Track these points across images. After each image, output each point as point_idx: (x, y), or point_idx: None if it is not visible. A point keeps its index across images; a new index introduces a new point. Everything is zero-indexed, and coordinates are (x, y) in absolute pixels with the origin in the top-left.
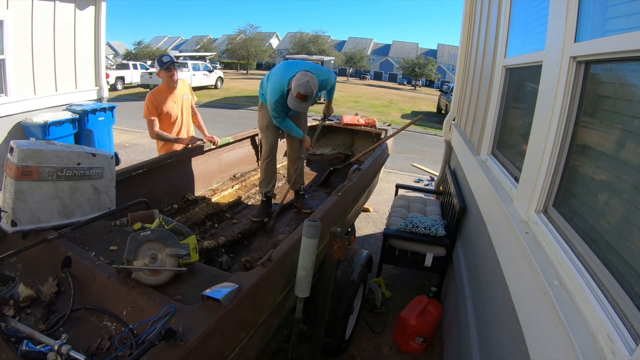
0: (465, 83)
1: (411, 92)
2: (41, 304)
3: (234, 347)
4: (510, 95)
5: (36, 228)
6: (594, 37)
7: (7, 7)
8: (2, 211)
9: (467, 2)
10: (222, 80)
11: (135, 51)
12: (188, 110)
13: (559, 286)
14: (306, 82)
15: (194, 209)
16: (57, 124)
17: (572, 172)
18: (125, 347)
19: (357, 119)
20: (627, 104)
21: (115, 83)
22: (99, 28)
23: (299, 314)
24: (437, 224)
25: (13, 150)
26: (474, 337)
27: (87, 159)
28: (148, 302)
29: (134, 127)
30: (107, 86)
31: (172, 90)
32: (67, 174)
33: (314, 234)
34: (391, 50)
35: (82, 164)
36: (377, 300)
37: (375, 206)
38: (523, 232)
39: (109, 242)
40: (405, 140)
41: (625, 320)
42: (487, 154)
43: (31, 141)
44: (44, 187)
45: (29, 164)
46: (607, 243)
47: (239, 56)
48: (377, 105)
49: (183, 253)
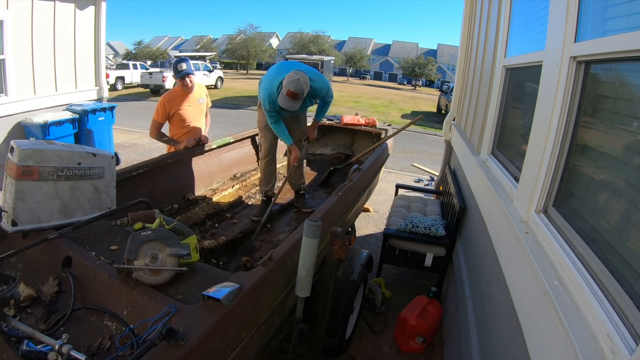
0: (465, 83)
1: (411, 92)
2: (42, 303)
3: (234, 347)
4: (510, 95)
5: (37, 228)
6: (594, 37)
7: (7, 7)
8: (2, 211)
9: (467, 2)
10: (222, 80)
11: (135, 51)
12: (202, 114)
13: (559, 286)
14: (296, 80)
15: (194, 208)
16: (57, 124)
17: (572, 172)
18: (126, 346)
19: (357, 119)
20: (627, 104)
21: (115, 83)
22: (99, 28)
23: (300, 314)
24: (437, 224)
25: (14, 150)
26: (474, 337)
27: (87, 158)
28: (149, 302)
29: (134, 127)
30: (107, 86)
31: (188, 94)
32: (67, 174)
33: (315, 234)
34: (391, 50)
35: (82, 163)
36: (377, 300)
37: (375, 206)
38: (523, 232)
39: (109, 242)
40: (405, 140)
41: (625, 320)
42: (487, 154)
43: (32, 141)
44: (45, 186)
45: (30, 163)
46: (607, 243)
47: (239, 56)
48: (377, 105)
49: (184, 253)
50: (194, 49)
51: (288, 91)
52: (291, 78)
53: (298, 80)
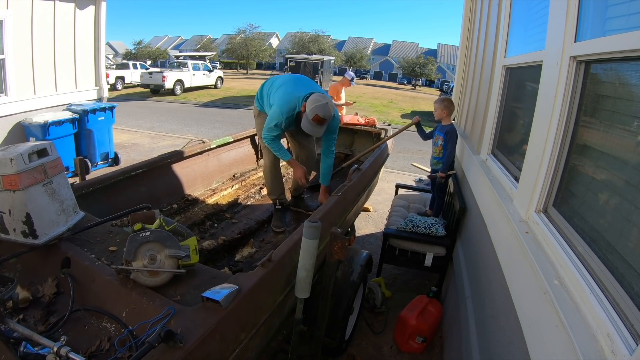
0: (465, 83)
1: (411, 92)
2: (40, 305)
3: (234, 348)
4: (510, 95)
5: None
6: (594, 36)
7: (7, 7)
8: (1, 213)
9: (467, 2)
10: (222, 80)
11: (135, 51)
12: None
13: (559, 286)
14: (325, 105)
15: (194, 208)
16: (57, 123)
17: (572, 171)
18: (124, 348)
19: (357, 119)
20: (627, 103)
21: (115, 83)
22: (99, 28)
23: (299, 315)
24: (437, 224)
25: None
26: (474, 337)
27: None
28: (148, 304)
29: (134, 127)
30: (107, 86)
31: None
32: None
33: (315, 235)
34: (391, 50)
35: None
36: (377, 300)
37: (375, 206)
38: (523, 232)
39: (108, 243)
40: (405, 140)
41: (625, 320)
42: (487, 154)
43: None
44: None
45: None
46: (607, 243)
47: (239, 56)
48: (377, 105)
49: (182, 254)
50: (194, 49)
51: (316, 116)
52: (319, 102)
53: (326, 105)
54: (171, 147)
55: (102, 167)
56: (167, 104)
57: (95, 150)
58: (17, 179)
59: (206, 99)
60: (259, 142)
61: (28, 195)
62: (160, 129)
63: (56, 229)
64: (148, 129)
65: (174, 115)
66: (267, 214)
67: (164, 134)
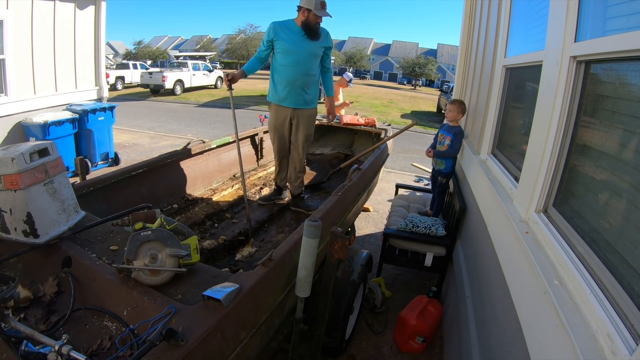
0: (465, 83)
1: (411, 92)
2: (41, 304)
3: (234, 347)
4: (510, 95)
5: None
6: (594, 36)
7: (7, 7)
8: (2, 211)
9: (467, 1)
10: (222, 80)
11: (135, 51)
12: None
13: (559, 286)
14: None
15: (194, 208)
16: (57, 123)
17: (572, 171)
18: (126, 347)
19: (357, 119)
20: (627, 103)
21: (115, 83)
22: (98, 28)
23: (300, 314)
24: (437, 224)
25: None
26: (474, 337)
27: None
28: (149, 302)
29: (134, 127)
30: (107, 86)
31: None
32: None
33: (315, 234)
34: (391, 50)
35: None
36: (377, 300)
37: (375, 206)
38: (523, 232)
39: (109, 242)
40: (405, 140)
41: (625, 320)
42: (487, 154)
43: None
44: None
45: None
46: (607, 243)
47: (239, 56)
48: (377, 105)
49: (183, 254)
50: (194, 49)
51: (323, 2)
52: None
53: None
54: (171, 147)
55: (102, 167)
56: (167, 104)
57: (95, 150)
58: (18, 179)
59: (206, 99)
60: (258, 139)
61: (29, 194)
62: (161, 129)
63: (57, 228)
64: (148, 129)
65: (174, 115)
66: (268, 214)
67: (164, 134)
